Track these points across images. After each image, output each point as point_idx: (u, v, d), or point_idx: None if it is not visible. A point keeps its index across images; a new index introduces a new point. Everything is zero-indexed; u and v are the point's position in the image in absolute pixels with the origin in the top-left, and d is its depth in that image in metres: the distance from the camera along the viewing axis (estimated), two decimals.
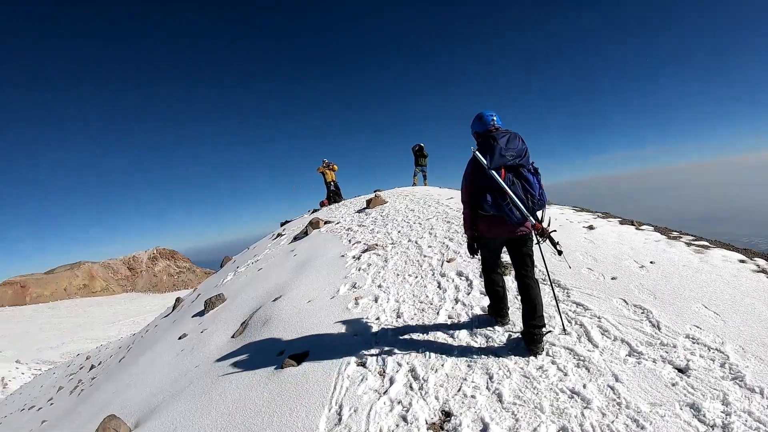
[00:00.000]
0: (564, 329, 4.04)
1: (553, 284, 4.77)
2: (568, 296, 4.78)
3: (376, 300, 5.70)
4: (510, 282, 5.23)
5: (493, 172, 3.82)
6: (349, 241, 9.79)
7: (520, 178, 3.87)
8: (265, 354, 5.06)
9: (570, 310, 4.44)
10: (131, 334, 23.57)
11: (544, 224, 3.90)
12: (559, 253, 3.80)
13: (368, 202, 13.95)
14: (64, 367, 23.88)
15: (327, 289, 6.71)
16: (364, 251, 8.35)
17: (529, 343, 3.82)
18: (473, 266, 6.20)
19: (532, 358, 3.66)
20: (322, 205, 18.79)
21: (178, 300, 15.29)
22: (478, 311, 4.79)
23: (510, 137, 3.93)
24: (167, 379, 6.16)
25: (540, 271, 5.29)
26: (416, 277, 6.30)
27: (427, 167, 19.45)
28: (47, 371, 27.73)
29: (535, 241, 4.04)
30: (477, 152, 3.94)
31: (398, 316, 5.06)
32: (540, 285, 4.32)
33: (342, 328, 5.07)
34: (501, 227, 3.97)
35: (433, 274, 6.26)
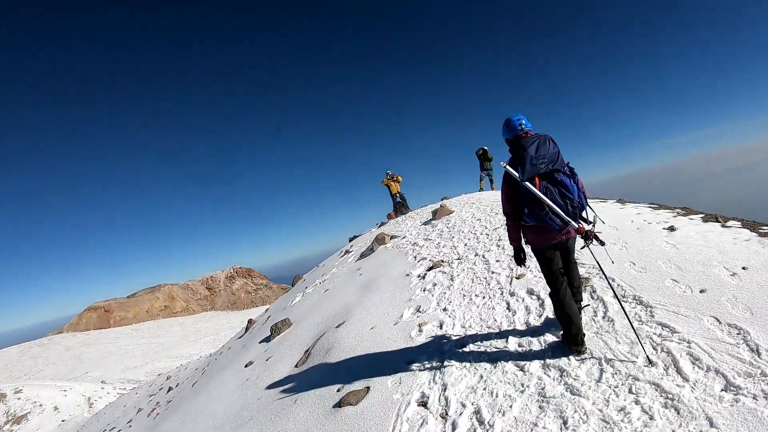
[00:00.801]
0: (648, 359, 3.58)
1: (620, 299, 4.27)
2: (652, 316, 4.26)
3: (440, 326, 5.46)
4: (586, 299, 4.91)
5: (527, 183, 3.79)
6: (415, 257, 9.59)
7: (556, 184, 3.84)
8: (325, 389, 4.95)
9: (655, 334, 3.94)
10: (209, 354, 24.41)
11: (589, 226, 3.95)
12: (602, 243, 3.84)
13: (434, 213, 13.69)
14: (146, 386, 25.06)
15: (391, 313, 6.54)
16: (430, 269, 8.12)
17: (572, 343, 3.99)
18: (544, 282, 5.81)
19: (612, 397, 3.26)
20: (389, 217, 18.65)
21: (250, 322, 15.64)
22: (550, 338, 4.42)
23: (539, 142, 3.87)
24: (231, 411, 6.29)
25: (604, 279, 4.92)
26: (483, 297, 5.98)
27: (493, 171, 18.92)
28: (131, 390, 29.25)
29: (580, 245, 4.15)
30: (508, 167, 3.90)
31: (463, 345, 4.78)
32: (622, 303, 4.26)
33: (404, 360, 4.86)
34: (546, 235, 3.99)
35: (501, 294, 5.91)
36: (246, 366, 8.29)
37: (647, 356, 3.63)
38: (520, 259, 4.28)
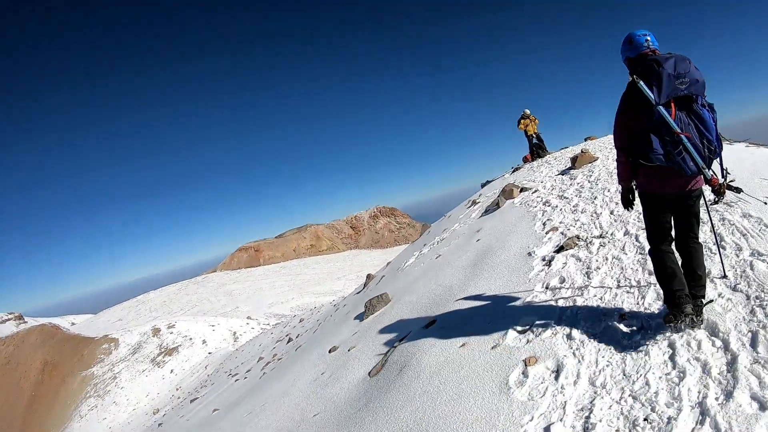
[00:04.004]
0: None
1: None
2: None
3: (556, 372, 3.38)
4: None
5: (662, 108, 3.09)
6: (543, 225, 7.34)
7: (694, 117, 3.14)
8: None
9: None
10: (332, 303, 24.32)
11: (723, 177, 3.29)
12: (738, 191, 3.34)
13: (573, 160, 11.03)
14: (281, 327, 25.91)
15: (492, 326, 4.54)
16: (559, 249, 5.89)
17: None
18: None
19: None
20: (525, 160, 16.92)
21: (368, 277, 14.86)
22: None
23: (677, 59, 3.12)
24: (291, 419, 5.53)
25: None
26: (633, 326, 3.64)
27: None
28: (274, 326, 30.69)
29: (711, 199, 3.64)
30: (641, 81, 3.13)
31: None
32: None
33: (489, 426, 3.09)
34: (670, 180, 3.26)
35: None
36: (330, 351, 7.38)
37: None
38: (628, 200, 3.63)
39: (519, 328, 4.21)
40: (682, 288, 3.29)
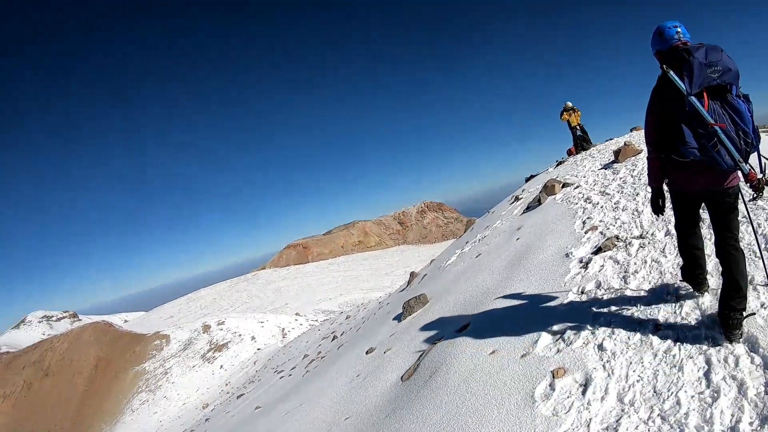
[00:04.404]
0: None
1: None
2: None
3: (584, 386, 3.24)
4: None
5: (694, 98, 2.93)
6: (583, 223, 7.08)
7: (728, 108, 2.95)
8: None
9: None
10: (378, 299, 24.39)
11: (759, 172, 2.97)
12: None
13: (616, 153, 10.60)
14: (328, 324, 26.15)
15: (523, 332, 4.41)
16: (596, 251, 5.65)
17: (725, 327, 3.07)
18: None
19: None
20: (569, 153, 16.52)
21: (412, 275, 14.86)
22: None
23: (708, 48, 2.99)
24: (323, 421, 5.68)
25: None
26: (669, 338, 3.42)
27: None
28: (321, 323, 31.04)
29: (748, 197, 3.44)
30: (671, 72, 3.01)
31: None
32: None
33: None
34: (703, 177, 3.14)
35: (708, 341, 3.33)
36: (367, 353, 7.51)
37: None
38: (658, 205, 3.62)
39: (550, 336, 4.07)
40: (696, 267, 3.63)
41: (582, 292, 4.75)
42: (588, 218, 7.21)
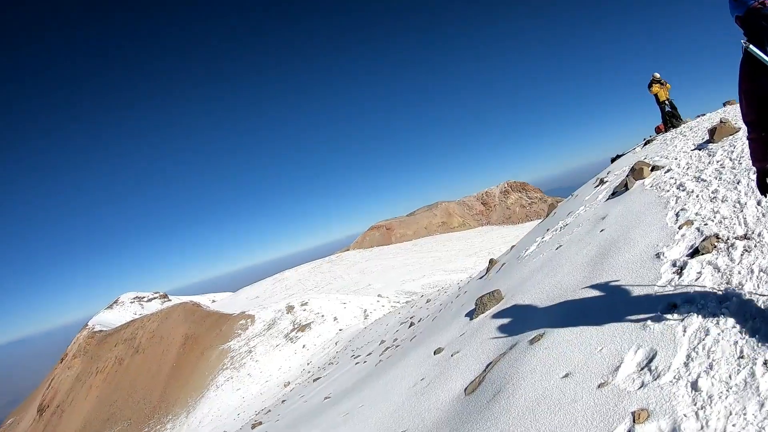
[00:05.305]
0: None
1: None
2: None
3: None
4: None
5: None
6: (676, 215, 6.26)
7: None
8: None
9: None
10: (458, 284, 23.91)
11: None
12: None
13: (711, 132, 9.45)
14: (408, 307, 26.08)
15: (606, 350, 3.90)
16: (693, 253, 4.92)
17: None
18: None
19: None
20: (658, 131, 15.37)
21: (491, 262, 14.49)
22: None
23: None
24: (378, 430, 5.66)
25: None
26: None
27: None
28: (402, 306, 31.08)
29: None
30: (752, 46, 2.57)
31: None
32: None
33: None
34: None
35: None
36: (435, 353, 7.34)
37: None
38: (765, 186, 3.21)
39: (633, 364, 3.54)
40: None
41: (674, 307, 4.13)
42: (682, 210, 6.39)
